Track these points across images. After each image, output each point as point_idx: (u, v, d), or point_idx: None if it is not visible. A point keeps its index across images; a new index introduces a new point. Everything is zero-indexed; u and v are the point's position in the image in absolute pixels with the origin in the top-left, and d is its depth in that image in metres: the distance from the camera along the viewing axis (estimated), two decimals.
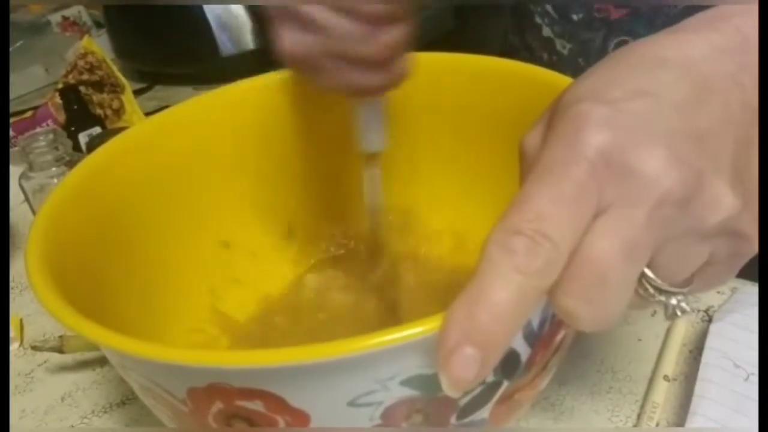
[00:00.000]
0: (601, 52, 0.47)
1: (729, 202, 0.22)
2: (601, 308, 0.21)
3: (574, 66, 0.41)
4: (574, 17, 0.48)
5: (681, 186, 0.21)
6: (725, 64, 0.23)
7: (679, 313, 0.24)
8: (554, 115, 0.23)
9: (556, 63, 0.52)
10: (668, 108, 0.22)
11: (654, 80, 0.23)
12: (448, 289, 0.42)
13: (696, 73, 0.23)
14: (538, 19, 0.51)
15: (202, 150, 0.41)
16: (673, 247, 0.22)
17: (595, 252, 0.21)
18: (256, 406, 0.25)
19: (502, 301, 0.20)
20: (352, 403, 0.24)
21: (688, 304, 0.24)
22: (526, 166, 0.25)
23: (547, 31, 0.50)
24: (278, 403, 0.24)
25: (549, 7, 0.50)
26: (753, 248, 0.24)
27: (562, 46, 0.49)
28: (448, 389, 0.21)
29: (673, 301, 0.24)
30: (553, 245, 0.20)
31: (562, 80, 0.36)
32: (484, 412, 0.27)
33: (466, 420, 0.27)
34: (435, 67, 0.42)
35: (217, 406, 0.25)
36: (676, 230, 0.22)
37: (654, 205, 0.21)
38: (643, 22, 0.45)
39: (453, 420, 0.27)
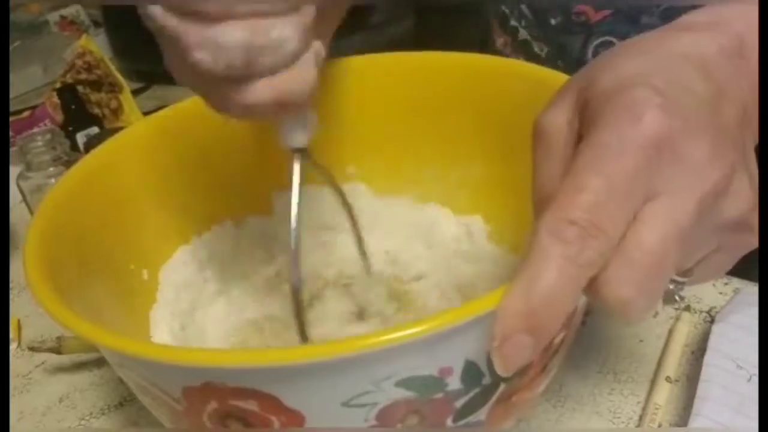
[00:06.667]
0: (581, 55, 0.46)
1: (749, 197, 0.23)
2: (655, 295, 0.22)
3: (552, 68, 0.40)
4: (552, 21, 0.47)
5: (724, 178, 0.22)
6: (730, 68, 0.24)
7: (677, 299, 0.26)
8: (595, 98, 0.23)
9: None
10: (704, 103, 0.23)
11: (685, 75, 0.23)
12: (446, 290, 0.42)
13: (713, 74, 0.24)
14: (514, 22, 0.50)
15: (201, 149, 0.41)
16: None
17: (652, 240, 0.21)
18: (251, 405, 0.24)
19: (555, 291, 0.20)
20: (346, 404, 0.24)
21: (683, 292, 0.25)
22: (546, 145, 0.25)
23: (523, 34, 0.49)
24: (273, 403, 0.24)
25: (526, 11, 0.50)
26: (755, 242, 0.25)
27: (540, 49, 0.49)
28: (500, 370, 0.22)
29: (671, 286, 0.25)
30: (606, 238, 0.21)
31: (554, 76, 0.35)
32: (480, 414, 0.27)
33: (463, 422, 0.27)
34: (422, 66, 0.42)
35: (212, 405, 0.25)
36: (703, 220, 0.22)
37: (703, 195, 0.21)
38: (627, 21, 0.44)
39: (449, 422, 0.26)
